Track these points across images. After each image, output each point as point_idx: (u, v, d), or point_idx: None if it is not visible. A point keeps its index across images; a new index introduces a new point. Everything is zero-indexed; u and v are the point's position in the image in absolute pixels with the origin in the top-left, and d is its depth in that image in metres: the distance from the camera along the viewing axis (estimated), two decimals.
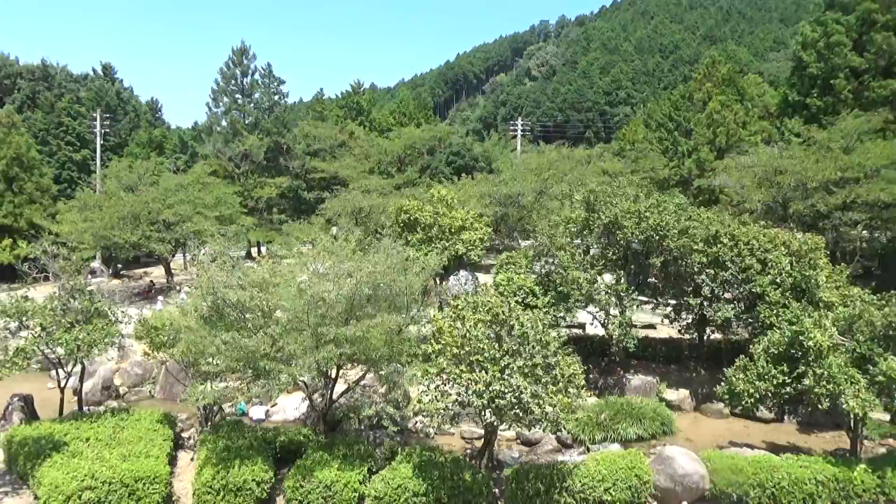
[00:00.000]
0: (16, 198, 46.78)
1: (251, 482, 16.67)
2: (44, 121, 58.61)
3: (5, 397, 23.37)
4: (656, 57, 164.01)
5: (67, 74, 68.98)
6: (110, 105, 62.46)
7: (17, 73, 64.29)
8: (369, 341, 17.82)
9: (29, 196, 47.33)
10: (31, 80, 64.69)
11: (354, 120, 65.90)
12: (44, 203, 47.82)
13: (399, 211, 30.51)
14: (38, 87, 64.44)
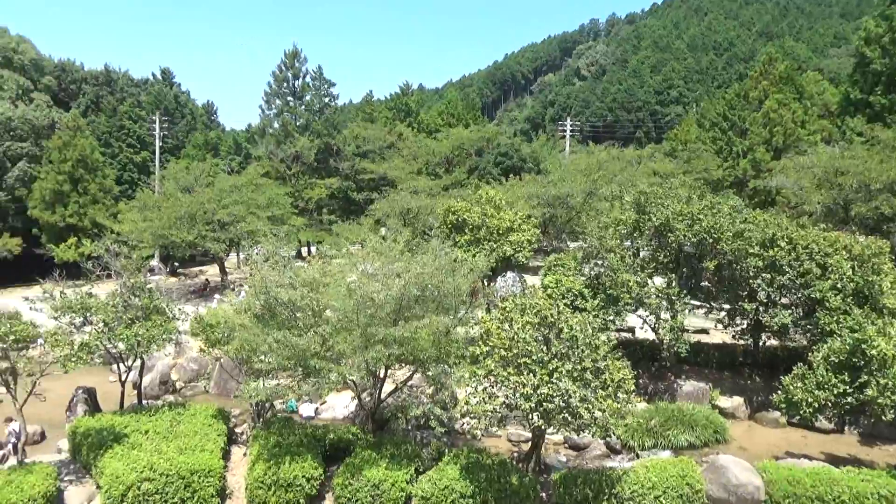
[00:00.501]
0: (80, 198, 48.81)
1: (301, 478, 16.98)
2: (107, 124, 60.98)
3: (70, 390, 24.41)
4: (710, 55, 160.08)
5: (129, 79, 71.60)
6: (168, 108, 64.53)
7: (82, 78, 67.06)
8: (417, 342, 17.94)
9: (93, 196, 49.32)
10: (95, 85, 67.36)
11: (403, 121, 66.38)
12: (106, 203, 49.75)
13: (447, 212, 30.58)
14: (101, 92, 67.08)
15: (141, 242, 39.12)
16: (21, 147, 53.03)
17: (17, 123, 52.87)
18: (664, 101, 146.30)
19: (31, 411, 19.82)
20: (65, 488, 17.85)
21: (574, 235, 42.61)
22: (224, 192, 42.05)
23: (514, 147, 62.52)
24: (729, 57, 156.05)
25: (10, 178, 52.44)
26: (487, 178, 52.92)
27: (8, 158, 52.51)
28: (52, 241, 48.72)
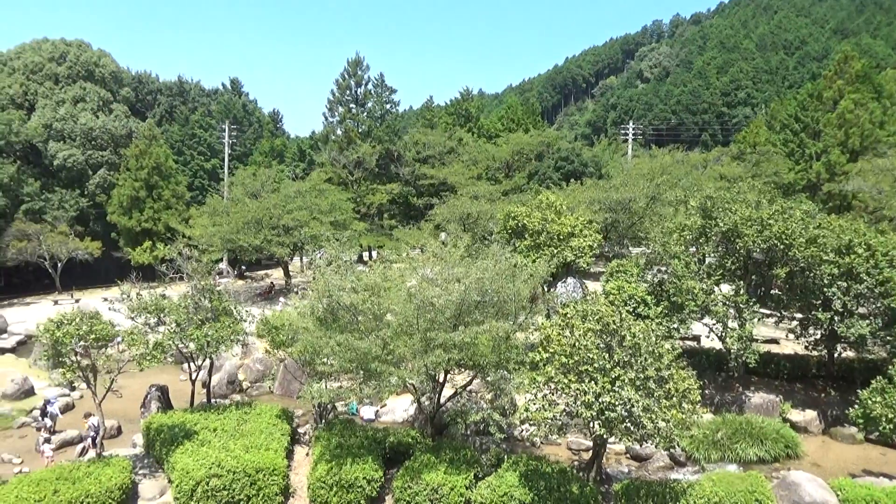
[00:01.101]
0: (155, 204, 51.02)
1: (362, 480, 17.21)
2: (179, 133, 63.59)
3: (145, 387, 25.54)
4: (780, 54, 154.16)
5: (200, 90, 74.49)
6: (237, 117, 66.77)
7: (157, 89, 70.17)
8: (477, 347, 17.96)
9: (166, 202, 51.47)
10: (169, 96, 70.38)
11: (463, 126, 66.59)
12: (179, 208, 51.83)
13: (507, 217, 30.52)
14: (174, 102, 70.04)
15: (210, 246, 40.64)
16: (101, 155, 55.93)
17: (98, 133, 55.77)
18: (731, 103, 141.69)
19: (108, 407, 20.83)
20: (139, 481, 18.64)
21: (636, 241, 41.80)
22: (289, 197, 43.23)
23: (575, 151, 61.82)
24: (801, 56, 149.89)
25: (91, 184, 55.35)
26: (548, 182, 52.46)
27: (90, 166, 55.45)
28: (129, 244, 51.13)
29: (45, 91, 56.91)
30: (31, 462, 21.54)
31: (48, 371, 21.83)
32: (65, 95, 56.82)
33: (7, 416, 25.24)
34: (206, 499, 16.90)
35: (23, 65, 57.58)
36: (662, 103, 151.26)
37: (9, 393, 26.49)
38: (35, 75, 57.59)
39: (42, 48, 59.24)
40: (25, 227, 48.15)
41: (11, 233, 47.75)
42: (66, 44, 60.44)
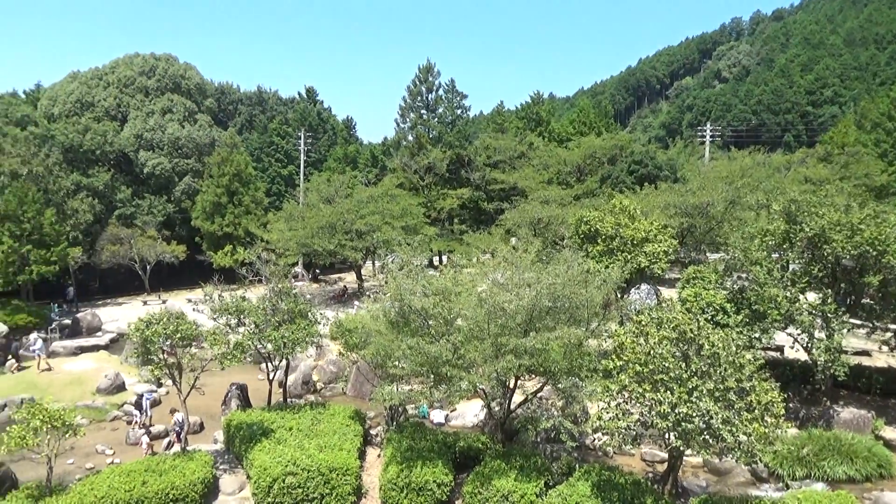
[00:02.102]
0: (235, 209, 53.05)
1: (432, 483, 17.33)
2: (258, 140, 65.97)
3: (225, 385, 26.59)
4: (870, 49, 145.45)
5: (278, 98, 77.10)
6: (312, 124, 68.64)
7: (238, 99, 73.12)
8: (548, 353, 17.78)
9: (246, 207, 53.44)
10: (249, 105, 73.20)
11: (534, 131, 66.11)
12: (257, 214, 53.70)
13: (579, 222, 30.07)
14: (254, 111, 72.78)
15: (287, 250, 41.94)
16: (187, 163, 58.72)
17: (184, 142, 58.60)
18: (817, 102, 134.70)
19: (191, 403, 21.79)
20: (220, 476, 19.42)
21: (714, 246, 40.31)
22: (361, 202, 44.09)
23: (649, 154, 60.31)
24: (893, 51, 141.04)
25: (177, 191, 58.18)
26: (621, 186, 51.39)
27: (176, 174, 58.30)
28: (211, 248, 53.36)
29: (136, 103, 60.25)
30: (121, 453, 22.81)
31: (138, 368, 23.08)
32: (154, 107, 59.99)
33: (101, 409, 26.83)
34: (282, 496, 17.44)
35: (116, 79, 61.17)
36: (742, 103, 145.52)
37: (102, 388, 28.13)
38: (127, 88, 61.07)
39: (134, 63, 62.76)
40: (118, 232, 51.09)
41: (106, 237, 50.77)
42: (156, 58, 63.84)
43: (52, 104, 60.07)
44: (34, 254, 40.38)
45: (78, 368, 30.92)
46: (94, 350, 35.38)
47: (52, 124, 55.16)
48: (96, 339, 37.66)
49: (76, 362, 32.10)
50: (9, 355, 31.97)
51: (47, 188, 45.73)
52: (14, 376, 30.16)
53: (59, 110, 58.82)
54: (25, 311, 40.43)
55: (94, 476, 18.00)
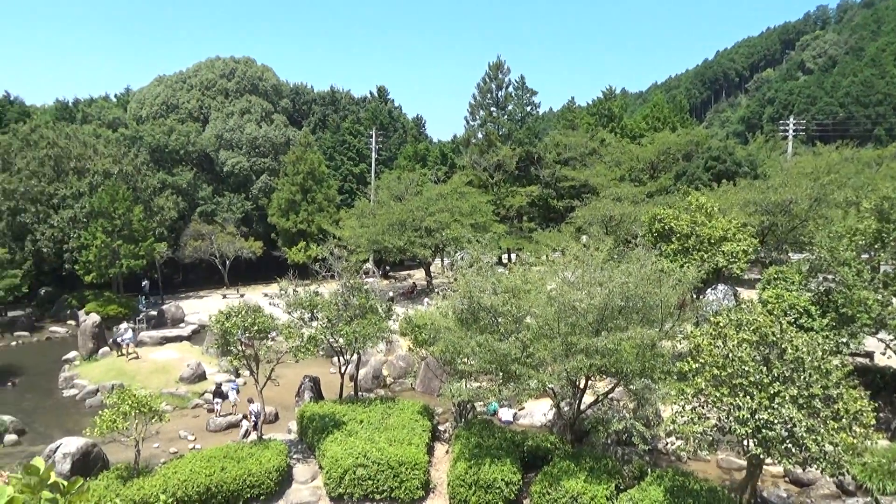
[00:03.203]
0: (309, 206, 54.50)
1: (500, 481, 17.27)
2: (331, 139, 67.48)
3: (298, 377, 27.37)
4: None
5: (350, 98, 78.58)
6: (383, 123, 69.62)
7: (311, 99, 74.96)
8: (620, 354, 17.40)
9: (319, 205, 54.81)
10: (322, 105, 74.92)
11: (605, 127, 64.80)
12: (329, 211, 54.98)
13: (653, 220, 29.32)
14: (327, 111, 74.45)
15: (358, 247, 42.73)
16: (263, 162, 60.76)
17: (261, 142, 60.66)
18: None
19: (267, 394, 22.53)
20: (293, 465, 20.00)
21: (797, 246, 38.49)
22: (431, 200, 44.42)
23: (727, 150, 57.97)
24: None
25: (254, 189, 60.31)
26: (696, 183, 49.68)
27: (253, 172, 60.43)
28: (286, 244, 55.04)
29: (216, 105, 62.79)
30: (202, 439, 23.84)
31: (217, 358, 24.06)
32: (233, 108, 62.35)
33: (183, 397, 28.12)
34: (352, 487, 17.81)
35: (199, 82, 63.94)
36: (828, 96, 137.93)
37: (185, 377, 29.49)
38: (209, 91, 63.73)
39: (215, 66, 65.41)
40: (200, 228, 53.45)
41: (189, 233, 53.22)
42: (235, 61, 66.34)
43: (141, 107, 63.39)
44: (124, 248, 42.73)
45: (162, 357, 32.52)
46: (178, 340, 37.13)
47: (141, 126, 58.21)
48: (179, 330, 39.51)
49: (161, 352, 33.77)
50: (102, 343, 33.99)
51: (136, 186, 48.29)
52: (105, 363, 32.03)
53: (147, 112, 61.99)
54: (116, 303, 42.92)
55: (178, 460, 18.89)
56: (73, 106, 66.86)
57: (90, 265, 42.46)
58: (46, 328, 43.24)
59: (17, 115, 57.47)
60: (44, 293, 48.15)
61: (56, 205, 45.40)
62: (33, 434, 24.99)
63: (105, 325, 36.40)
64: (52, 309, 46.80)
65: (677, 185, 50.23)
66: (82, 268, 43.18)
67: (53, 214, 44.91)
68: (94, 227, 42.62)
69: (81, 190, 45.47)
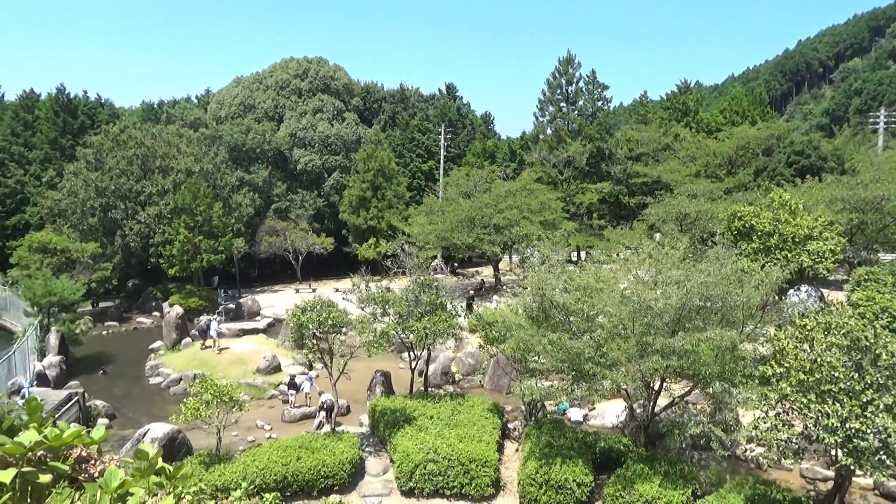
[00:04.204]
0: (379, 203, 55.30)
1: (572, 482, 17.08)
2: (400, 137, 68.21)
3: (369, 372, 27.85)
4: None
5: (419, 95, 79.15)
6: (452, 120, 69.81)
7: (382, 97, 75.92)
8: (698, 355, 16.88)
9: (388, 202, 55.53)
10: (392, 103, 75.78)
11: (680, 121, 62.85)
12: (399, 208, 55.61)
13: (732, 217, 28.27)
14: (396, 108, 75.27)
15: (427, 243, 43.04)
16: (335, 160, 62.04)
17: (333, 140, 61.94)
18: None
19: (339, 387, 23.01)
20: (366, 457, 20.38)
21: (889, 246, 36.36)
22: (500, 197, 44.26)
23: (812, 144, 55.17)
24: None
25: (326, 186, 61.66)
26: (778, 179, 47.56)
27: (325, 170, 61.78)
28: (357, 240, 56.05)
29: (290, 104, 64.51)
30: (277, 429, 24.62)
31: (292, 351, 24.76)
32: (306, 107, 63.91)
33: (260, 388, 29.12)
34: (423, 481, 18.01)
35: (274, 82, 65.84)
36: None
37: (261, 368, 30.52)
38: (283, 90, 65.54)
39: (289, 66, 67.19)
40: (275, 224, 55.12)
41: (264, 229, 54.97)
42: (308, 61, 67.94)
43: (220, 107, 65.85)
44: (205, 243, 44.56)
45: (240, 349, 33.76)
46: (254, 333, 38.47)
47: (220, 126, 60.46)
48: (255, 323, 40.91)
49: (238, 343, 35.06)
50: (185, 334, 35.61)
51: (215, 184, 50.24)
52: (187, 353, 33.54)
53: (226, 113, 64.35)
54: (197, 296, 44.83)
55: (256, 448, 19.59)
56: (157, 107, 70.17)
57: (173, 259, 44.51)
58: (134, 319, 45.67)
59: (107, 117, 60.75)
60: (131, 286, 50.82)
61: (143, 201, 47.78)
62: (123, 419, 26.46)
63: (187, 317, 38.10)
64: (138, 300, 49.37)
65: (757, 182, 48.24)
66: (166, 262, 45.32)
67: (140, 211, 47.29)
68: (177, 223, 44.63)
69: (166, 187, 47.69)
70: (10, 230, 54.30)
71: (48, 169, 54.74)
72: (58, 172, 52.60)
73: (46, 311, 34.49)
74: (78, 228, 46.30)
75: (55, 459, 3.31)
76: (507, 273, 51.71)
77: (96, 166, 48.70)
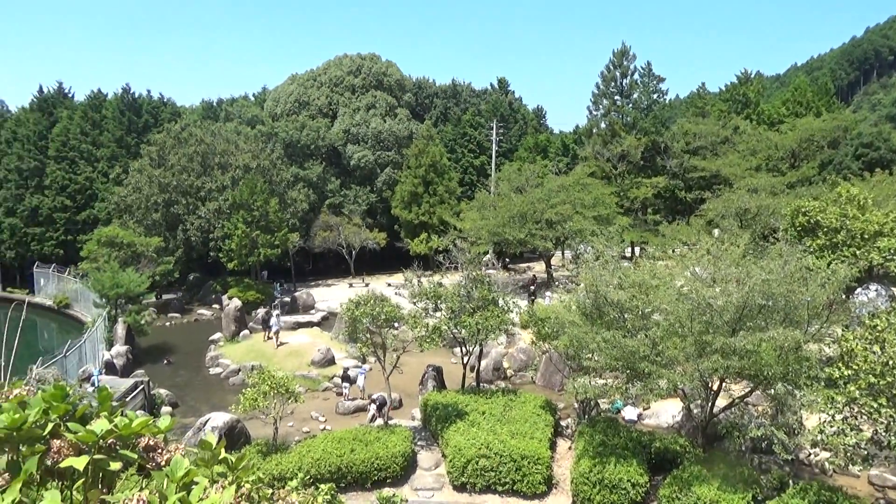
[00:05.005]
0: (430, 198, 55.54)
1: (626, 482, 16.80)
2: (452, 132, 68.28)
3: (421, 366, 28.03)
4: None
5: (471, 91, 79.01)
6: (503, 115, 69.47)
7: (433, 93, 76.14)
8: (759, 356, 16.32)
9: (440, 197, 55.71)
10: (444, 98, 75.90)
11: (740, 113, 60.85)
12: (450, 203, 55.71)
13: (796, 212, 27.21)
14: (448, 104, 75.35)
15: (478, 239, 42.99)
16: (387, 155, 62.60)
17: (385, 136, 62.49)
18: None
19: (392, 381, 23.25)
20: (418, 451, 20.52)
21: None
22: (552, 192, 43.84)
23: (881, 136, 52.60)
24: None
25: (379, 181, 62.30)
26: (845, 173, 45.55)
27: (378, 165, 62.42)
28: (409, 235, 56.48)
29: (344, 101, 65.37)
30: (332, 421, 25.04)
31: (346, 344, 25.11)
32: (359, 103, 64.64)
33: (314, 380, 29.67)
34: (475, 477, 18.02)
35: (328, 79, 66.82)
36: None
37: (316, 361, 31.09)
38: (337, 87, 66.46)
39: (342, 63, 68.06)
40: (328, 219, 56.04)
41: (318, 224, 55.96)
42: (362, 58, 68.65)
43: (276, 105, 67.24)
44: (261, 238, 45.65)
45: (295, 342, 34.47)
46: (309, 326, 39.20)
47: (275, 123, 61.78)
48: (310, 316, 41.69)
49: (294, 336, 35.80)
50: (243, 326, 36.60)
51: (271, 180, 51.40)
52: (245, 345, 34.46)
53: (281, 110, 65.67)
54: (254, 289, 46.00)
55: (311, 440, 19.97)
56: (216, 105, 72.15)
57: (232, 253, 45.76)
58: (195, 311, 47.21)
59: (169, 116, 62.86)
60: (192, 279, 52.54)
61: (203, 197, 49.27)
62: (185, 407, 27.39)
63: (245, 310, 39.13)
64: (199, 293, 51.00)
65: (822, 175, 46.35)
66: (225, 256, 46.65)
67: (201, 206, 48.79)
68: (235, 218, 45.85)
69: (225, 183, 49.05)
70: (80, 225, 56.86)
71: (115, 166, 57.03)
72: (124, 169, 54.75)
73: (114, 303, 35.97)
74: (142, 223, 48.11)
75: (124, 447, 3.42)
76: (560, 269, 51.18)
77: (159, 163, 50.47)
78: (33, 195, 57.26)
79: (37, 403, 3.13)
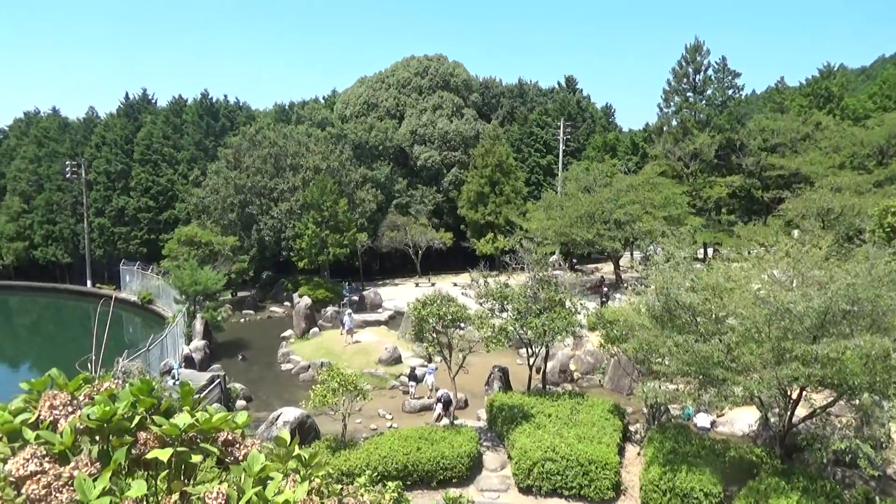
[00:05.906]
0: (497, 198, 55.43)
1: (699, 492, 16.29)
2: (518, 132, 67.90)
3: (486, 367, 28.00)
4: None
5: (538, 90, 78.36)
6: (571, 114, 68.54)
7: (500, 92, 75.90)
8: (843, 364, 15.49)
9: (506, 197, 55.51)
10: (510, 98, 75.56)
11: (822, 108, 57.91)
12: (517, 203, 55.43)
13: (884, 212, 25.73)
14: (514, 103, 74.98)
15: (545, 239, 42.54)
16: (454, 155, 62.87)
17: (452, 136, 62.78)
18: None
19: (457, 381, 23.34)
20: (483, 452, 20.50)
21: None
22: (621, 191, 42.95)
23: None
24: None
25: (445, 181, 62.66)
26: None
27: (444, 165, 62.78)
28: (475, 235, 56.55)
29: (411, 102, 66.06)
30: (398, 419, 25.36)
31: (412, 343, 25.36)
32: (426, 104, 65.18)
33: (382, 378, 30.12)
34: (541, 480, 17.88)
35: (396, 81, 67.69)
36: None
37: (383, 359, 31.55)
38: (404, 89, 67.23)
39: (410, 65, 68.80)
40: (396, 219, 56.78)
41: (386, 224, 56.79)
42: (428, 59, 69.19)
43: (345, 107, 68.65)
44: (331, 238, 46.72)
45: (363, 340, 35.08)
46: (376, 325, 39.84)
47: (345, 124, 63.05)
48: (377, 315, 42.36)
49: (362, 334, 36.44)
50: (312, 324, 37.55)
51: (341, 180, 52.50)
52: (315, 342, 35.34)
53: (350, 112, 67.00)
54: (324, 287, 47.13)
55: (378, 437, 20.29)
56: (288, 108, 74.24)
57: (303, 252, 47.02)
58: (267, 308, 48.78)
59: (244, 119, 65.18)
60: (265, 277, 54.31)
61: (276, 198, 50.83)
62: (258, 401, 28.34)
63: (314, 308, 40.13)
64: (271, 291, 52.67)
65: None
66: (296, 255, 48.00)
67: (273, 207, 50.35)
68: (306, 218, 47.09)
69: (296, 184, 50.44)
70: (162, 224, 59.77)
71: (194, 168, 59.62)
72: (202, 171, 57.16)
73: (193, 299, 37.61)
74: (219, 223, 50.10)
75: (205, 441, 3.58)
76: (628, 270, 50.09)
77: (235, 165, 52.41)
78: (120, 196, 60.61)
79: (125, 397, 3.30)
